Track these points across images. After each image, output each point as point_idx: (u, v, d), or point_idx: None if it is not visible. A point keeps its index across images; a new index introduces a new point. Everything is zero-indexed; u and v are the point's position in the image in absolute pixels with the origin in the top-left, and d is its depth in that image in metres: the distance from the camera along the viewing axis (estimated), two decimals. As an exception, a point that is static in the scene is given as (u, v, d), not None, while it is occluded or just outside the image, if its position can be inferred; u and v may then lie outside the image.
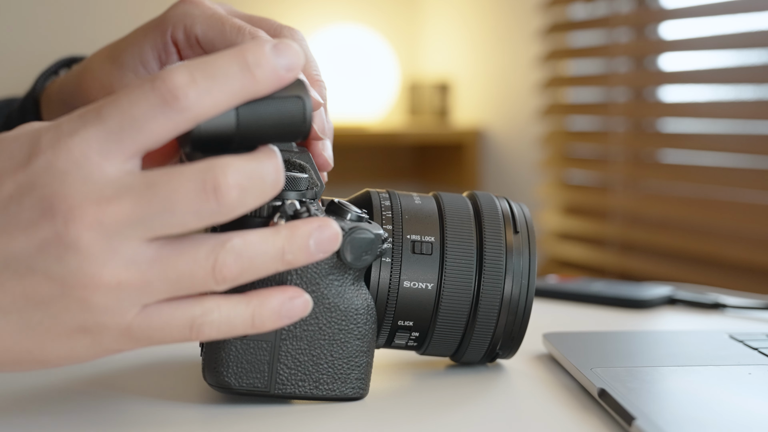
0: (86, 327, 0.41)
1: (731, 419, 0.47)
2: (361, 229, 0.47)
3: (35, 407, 0.49)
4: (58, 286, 0.40)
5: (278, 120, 0.42)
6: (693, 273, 1.74)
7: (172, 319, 0.42)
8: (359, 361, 0.49)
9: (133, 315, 0.41)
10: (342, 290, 0.48)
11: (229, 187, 0.40)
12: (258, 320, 0.43)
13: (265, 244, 0.42)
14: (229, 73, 0.40)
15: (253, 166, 0.40)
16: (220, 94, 0.40)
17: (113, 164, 0.40)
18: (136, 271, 0.40)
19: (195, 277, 0.41)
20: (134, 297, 0.40)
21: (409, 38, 2.67)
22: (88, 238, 0.39)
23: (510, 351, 0.55)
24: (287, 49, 0.41)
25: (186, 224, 0.40)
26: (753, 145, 1.70)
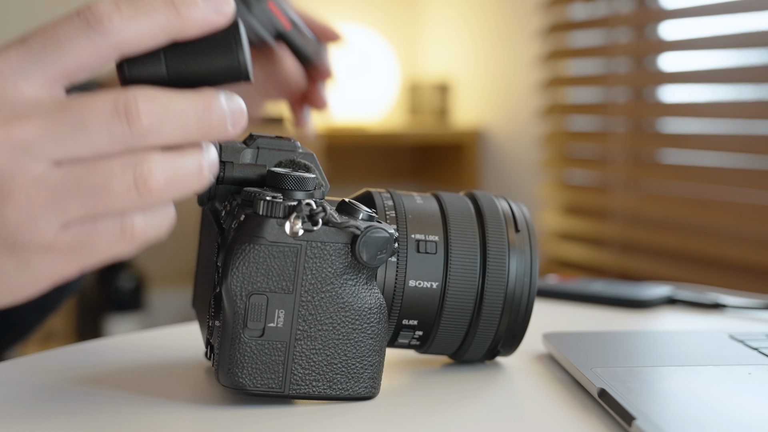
0: (7, 246, 0.40)
1: (731, 419, 0.46)
2: (375, 229, 0.47)
3: (36, 407, 0.49)
4: None
5: (209, 62, 0.42)
6: (693, 273, 1.74)
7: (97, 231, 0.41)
8: (372, 360, 0.49)
9: (53, 233, 0.40)
10: (356, 290, 0.48)
11: (140, 111, 0.40)
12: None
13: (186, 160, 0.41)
14: (155, 6, 0.41)
15: (172, 98, 0.41)
16: (144, 25, 0.41)
17: (31, 86, 0.40)
18: (45, 188, 0.40)
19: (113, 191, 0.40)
20: (49, 215, 0.40)
21: (409, 38, 2.67)
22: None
23: (510, 349, 0.55)
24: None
25: (98, 145, 0.40)
26: (753, 145, 1.70)
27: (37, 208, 0.40)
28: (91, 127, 0.40)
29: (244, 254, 0.46)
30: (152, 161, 0.40)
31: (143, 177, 0.40)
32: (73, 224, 0.41)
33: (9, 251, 0.41)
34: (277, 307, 0.47)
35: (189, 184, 0.42)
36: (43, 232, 0.40)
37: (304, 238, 0.46)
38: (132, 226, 0.41)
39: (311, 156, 0.51)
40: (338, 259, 0.47)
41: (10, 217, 0.40)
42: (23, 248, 0.41)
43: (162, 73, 0.42)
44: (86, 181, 0.40)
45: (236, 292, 0.46)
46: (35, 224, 0.40)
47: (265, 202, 0.46)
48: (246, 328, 0.46)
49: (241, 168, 0.50)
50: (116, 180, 0.40)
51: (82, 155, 0.40)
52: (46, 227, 0.40)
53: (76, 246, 0.41)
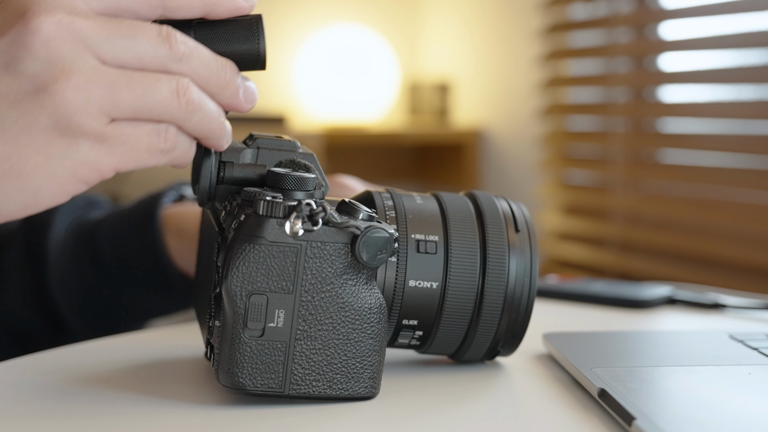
0: (61, 127, 0.43)
1: (731, 419, 0.46)
2: (375, 229, 0.47)
3: (36, 407, 0.49)
4: (30, 82, 0.43)
5: (233, 44, 0.48)
6: (693, 273, 1.74)
7: (140, 130, 0.45)
8: (372, 360, 0.49)
9: (104, 122, 0.44)
10: (356, 289, 0.48)
11: (179, 41, 0.45)
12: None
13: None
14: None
15: (200, 46, 0.46)
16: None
17: (88, 5, 0.45)
18: (102, 77, 0.44)
19: (160, 94, 0.44)
20: (102, 102, 0.43)
21: (409, 38, 2.67)
22: (55, 32, 0.43)
23: (510, 349, 0.55)
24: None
25: (142, 56, 0.44)
26: (753, 145, 1.70)
27: (94, 93, 0.43)
28: (139, 39, 0.44)
29: (244, 254, 0.46)
30: (189, 82, 0.45)
31: (184, 89, 0.45)
32: (121, 119, 0.44)
33: (62, 133, 0.44)
34: (277, 307, 0.47)
35: (212, 119, 0.46)
36: (96, 117, 0.44)
37: (304, 238, 0.46)
38: (167, 134, 0.45)
39: (311, 156, 0.51)
40: (338, 259, 0.47)
41: (69, 95, 0.43)
42: (75, 131, 0.44)
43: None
44: (138, 81, 0.44)
45: (236, 292, 0.46)
46: (90, 108, 0.43)
47: (265, 202, 0.46)
48: (246, 328, 0.46)
49: (241, 168, 0.50)
50: (163, 85, 0.45)
51: (127, 61, 0.44)
52: (99, 114, 0.44)
53: (119, 140, 0.44)
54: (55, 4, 0.44)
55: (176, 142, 0.46)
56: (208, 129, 0.47)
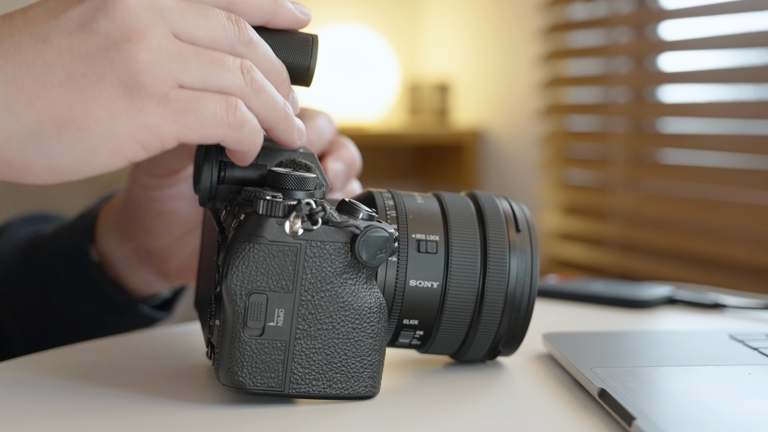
0: (127, 85, 0.44)
1: (731, 419, 0.47)
2: (375, 228, 0.47)
3: (36, 407, 0.49)
4: (104, 40, 0.44)
5: (287, 55, 0.50)
6: (693, 273, 1.74)
7: (206, 99, 0.45)
8: (372, 360, 0.49)
9: (170, 86, 0.45)
10: (356, 289, 0.48)
11: (246, 28, 0.47)
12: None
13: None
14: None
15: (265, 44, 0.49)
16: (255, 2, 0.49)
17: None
18: (174, 44, 0.45)
19: (227, 66, 0.46)
20: (171, 66, 0.45)
21: (409, 38, 2.67)
22: (137, 1, 0.45)
23: (511, 349, 0.55)
24: (300, 5, 0.51)
25: (213, 35, 0.46)
26: (753, 145, 1.70)
27: (165, 56, 0.44)
28: (212, 19, 0.46)
29: (243, 253, 0.46)
30: (253, 65, 0.47)
31: (249, 68, 0.46)
32: (189, 86, 0.45)
33: (127, 93, 0.44)
34: (276, 306, 0.47)
35: (277, 104, 0.48)
36: (163, 80, 0.44)
37: (304, 238, 0.46)
38: (235, 107, 0.46)
39: (312, 156, 0.51)
40: (338, 259, 0.47)
41: (140, 56, 0.44)
42: (141, 92, 0.44)
43: None
44: (207, 53, 0.46)
45: (236, 291, 0.46)
46: (159, 70, 0.44)
47: (264, 202, 0.46)
48: (246, 327, 0.46)
49: (241, 168, 0.50)
50: (231, 61, 0.46)
51: (199, 37, 0.46)
52: (166, 77, 0.44)
53: (185, 106, 0.45)
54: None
55: (244, 118, 0.46)
56: (274, 115, 0.48)
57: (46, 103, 0.44)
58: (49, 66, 0.44)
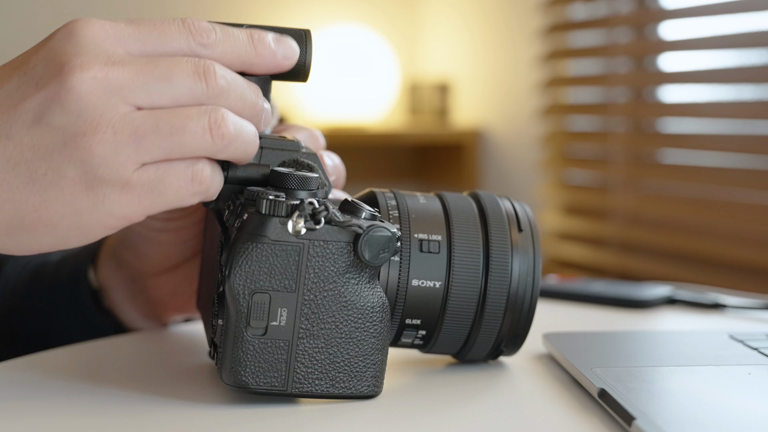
0: (87, 180, 0.44)
1: (731, 419, 0.47)
2: (378, 227, 0.47)
3: (36, 407, 0.49)
4: (61, 135, 0.44)
5: None
6: (693, 273, 1.74)
7: (170, 173, 0.45)
8: (374, 359, 0.49)
9: (131, 170, 0.45)
10: (358, 288, 0.48)
11: (217, 75, 0.46)
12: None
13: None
14: (240, 38, 0.48)
15: (236, 76, 0.47)
16: (229, 50, 0.48)
17: (128, 51, 0.46)
18: (130, 125, 0.44)
19: (189, 132, 0.45)
20: (129, 150, 0.44)
21: (409, 38, 2.67)
22: (89, 88, 0.44)
23: (514, 348, 0.55)
24: (287, 42, 0.50)
25: (178, 97, 0.45)
26: (753, 145, 1.70)
27: (121, 143, 0.44)
28: (175, 80, 0.45)
29: (246, 253, 0.46)
30: (225, 112, 0.46)
31: (218, 122, 0.45)
32: (150, 164, 0.45)
33: (89, 187, 0.45)
34: (279, 305, 0.47)
35: (249, 144, 0.47)
36: (123, 167, 0.44)
37: (307, 237, 0.46)
38: (201, 173, 0.46)
39: (314, 156, 0.51)
40: (341, 258, 0.47)
41: (96, 149, 0.44)
42: (102, 183, 0.45)
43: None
44: (166, 122, 0.45)
45: (239, 290, 0.46)
46: (117, 158, 0.44)
47: (267, 201, 0.46)
48: (249, 327, 0.46)
49: (244, 168, 0.50)
50: (193, 122, 0.45)
51: (163, 104, 0.45)
52: (125, 163, 0.44)
53: (149, 186, 0.45)
54: (93, 55, 0.45)
55: (210, 181, 0.47)
56: (245, 155, 0.48)
57: (12, 205, 0.45)
58: (13, 166, 0.45)
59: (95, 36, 0.46)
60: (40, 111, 0.44)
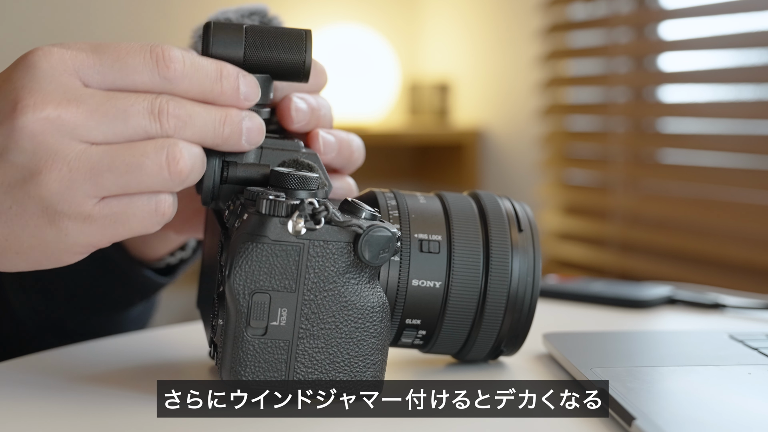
0: (48, 214, 0.46)
1: (731, 419, 0.47)
2: (378, 228, 0.47)
3: (37, 407, 0.49)
4: (20, 172, 0.46)
5: (280, 54, 0.50)
6: (693, 273, 1.74)
7: (131, 206, 0.47)
8: (375, 359, 0.49)
9: (90, 205, 0.46)
10: (358, 288, 0.48)
11: (170, 115, 0.47)
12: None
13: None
14: (210, 72, 0.48)
15: (195, 106, 0.48)
16: (195, 82, 0.48)
17: (87, 84, 0.46)
18: (85, 163, 0.45)
19: (146, 170, 0.46)
20: (86, 187, 0.45)
21: (409, 38, 2.67)
22: (41, 128, 0.45)
23: (514, 348, 0.55)
24: (251, 84, 0.49)
25: (132, 135, 0.46)
26: (753, 145, 1.70)
27: (77, 180, 0.45)
28: (130, 120, 0.46)
29: (247, 253, 0.46)
30: (182, 146, 0.46)
31: (175, 158, 0.46)
32: (110, 198, 0.46)
33: (50, 221, 0.46)
34: (279, 305, 0.47)
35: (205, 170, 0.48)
36: (81, 203, 0.46)
37: (307, 237, 0.46)
38: (164, 204, 0.47)
39: (314, 156, 0.51)
40: (341, 258, 0.47)
41: (52, 186, 0.45)
42: (62, 217, 0.46)
43: (239, 55, 0.50)
44: (122, 160, 0.46)
45: (239, 290, 0.46)
46: (74, 195, 0.45)
47: (267, 201, 0.46)
48: (249, 327, 0.46)
49: (244, 168, 0.50)
50: (150, 159, 0.46)
51: (118, 141, 0.46)
52: (83, 198, 0.46)
53: (111, 218, 0.46)
54: (47, 92, 0.46)
55: (172, 210, 0.48)
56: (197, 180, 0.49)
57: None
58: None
59: (53, 69, 0.46)
60: (2, 146, 0.46)
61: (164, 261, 0.68)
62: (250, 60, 0.50)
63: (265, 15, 0.56)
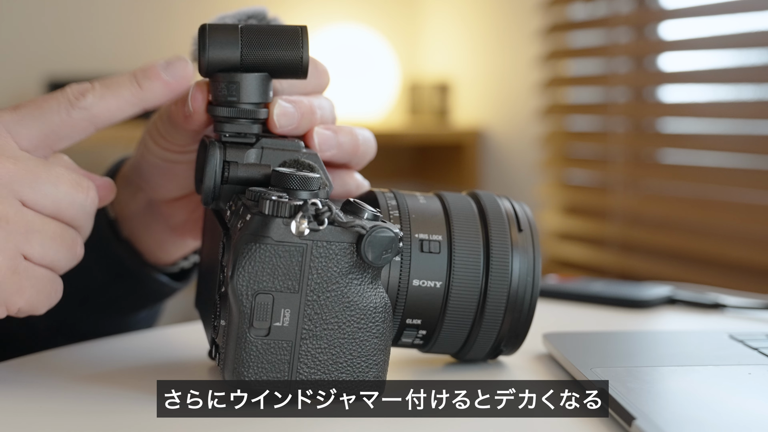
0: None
1: (731, 419, 0.47)
2: (381, 228, 0.47)
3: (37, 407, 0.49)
4: None
5: (277, 53, 0.51)
6: (693, 273, 1.74)
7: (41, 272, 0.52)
8: (377, 359, 0.49)
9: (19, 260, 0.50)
10: (361, 289, 0.48)
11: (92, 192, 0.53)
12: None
13: None
14: (122, 83, 0.53)
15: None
16: (113, 101, 0.53)
17: (20, 143, 0.51)
18: (19, 221, 0.50)
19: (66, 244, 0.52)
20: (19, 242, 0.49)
21: (409, 38, 2.67)
22: None
23: (513, 348, 0.55)
24: (177, 62, 0.54)
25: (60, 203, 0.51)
26: (753, 145, 1.70)
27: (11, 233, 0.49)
28: (61, 187, 0.51)
29: (250, 254, 0.46)
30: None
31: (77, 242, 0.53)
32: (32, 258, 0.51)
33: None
34: (282, 306, 0.47)
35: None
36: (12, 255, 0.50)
37: (310, 238, 0.46)
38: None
39: (315, 156, 0.51)
40: (344, 259, 0.47)
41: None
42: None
43: (236, 57, 0.50)
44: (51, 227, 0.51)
45: (242, 291, 0.46)
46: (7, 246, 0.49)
47: (270, 202, 0.46)
48: (252, 327, 0.46)
49: (245, 168, 0.50)
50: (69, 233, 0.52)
51: (46, 206, 0.50)
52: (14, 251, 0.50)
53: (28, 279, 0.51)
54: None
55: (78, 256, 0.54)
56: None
57: None
58: None
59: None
60: None
61: (178, 265, 0.68)
62: (247, 59, 0.50)
63: (264, 17, 0.56)
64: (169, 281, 0.67)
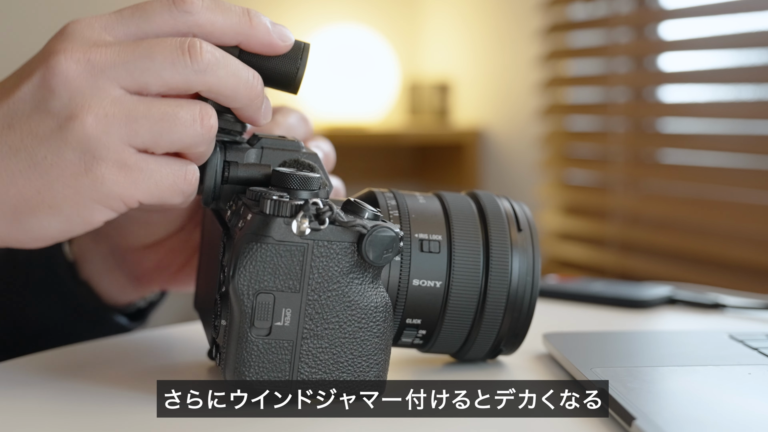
0: (85, 160, 0.46)
1: (731, 419, 0.47)
2: (382, 228, 0.47)
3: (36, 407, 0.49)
4: (55, 119, 0.46)
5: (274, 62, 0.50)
6: (693, 273, 1.74)
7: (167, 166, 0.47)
8: (378, 359, 0.49)
9: (127, 153, 0.46)
10: (362, 288, 0.48)
11: (203, 50, 0.47)
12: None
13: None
14: (232, 9, 0.48)
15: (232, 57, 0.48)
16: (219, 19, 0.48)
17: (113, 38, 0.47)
18: (121, 108, 0.46)
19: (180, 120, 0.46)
20: (122, 132, 0.46)
21: (409, 38, 2.67)
22: (75, 71, 0.46)
23: (513, 348, 0.55)
24: (283, 28, 0.50)
25: (162, 74, 0.46)
26: (753, 145, 1.70)
27: (113, 123, 0.46)
28: (157, 58, 0.46)
29: (251, 253, 0.46)
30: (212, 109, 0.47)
31: (207, 114, 0.47)
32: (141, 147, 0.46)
33: (87, 168, 0.46)
34: (284, 306, 0.47)
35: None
36: (117, 148, 0.46)
37: (311, 237, 0.46)
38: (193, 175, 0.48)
39: (315, 156, 0.51)
40: (344, 258, 0.47)
41: (89, 129, 0.45)
42: (99, 164, 0.46)
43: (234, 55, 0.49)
44: (157, 108, 0.46)
45: (243, 291, 0.46)
46: (110, 139, 0.46)
47: (271, 202, 0.46)
48: (253, 327, 0.46)
49: (245, 168, 0.50)
50: (184, 110, 0.46)
51: (149, 83, 0.46)
52: (119, 144, 0.46)
53: (145, 173, 0.47)
54: (76, 41, 0.47)
55: (196, 185, 0.49)
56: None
57: (16, 189, 0.47)
58: (14, 152, 0.47)
59: (81, 28, 0.47)
60: (36, 97, 0.46)
61: (135, 305, 0.69)
62: (243, 59, 0.49)
63: None
64: (127, 323, 0.68)
